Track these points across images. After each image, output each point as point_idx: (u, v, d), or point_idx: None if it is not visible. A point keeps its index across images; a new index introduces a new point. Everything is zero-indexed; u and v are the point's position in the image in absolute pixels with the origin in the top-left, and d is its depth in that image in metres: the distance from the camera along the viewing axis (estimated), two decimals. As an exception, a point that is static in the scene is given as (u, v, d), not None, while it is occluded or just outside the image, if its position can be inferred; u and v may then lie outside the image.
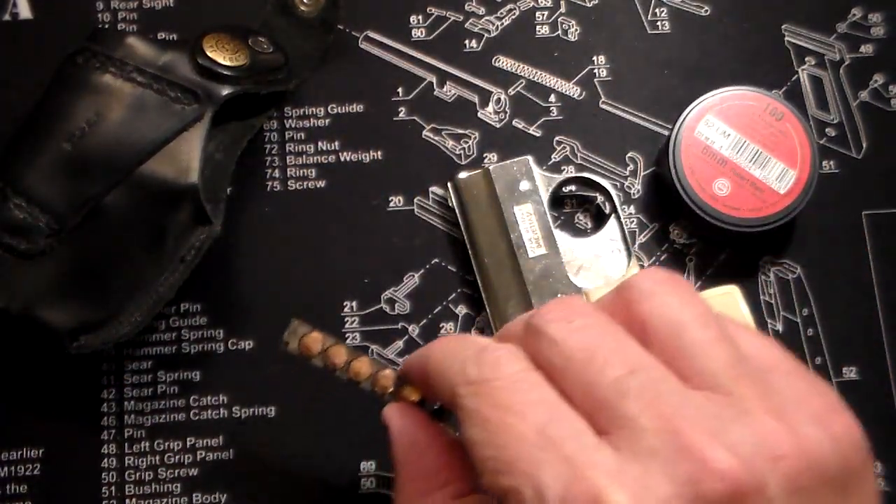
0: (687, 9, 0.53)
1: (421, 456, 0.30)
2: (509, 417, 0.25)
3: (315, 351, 0.35)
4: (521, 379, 0.26)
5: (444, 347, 0.30)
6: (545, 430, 0.24)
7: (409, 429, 0.31)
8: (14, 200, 0.43)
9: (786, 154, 0.47)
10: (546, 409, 0.25)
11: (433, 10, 0.53)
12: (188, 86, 0.45)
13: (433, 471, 0.30)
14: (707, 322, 0.26)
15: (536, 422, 0.25)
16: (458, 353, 0.28)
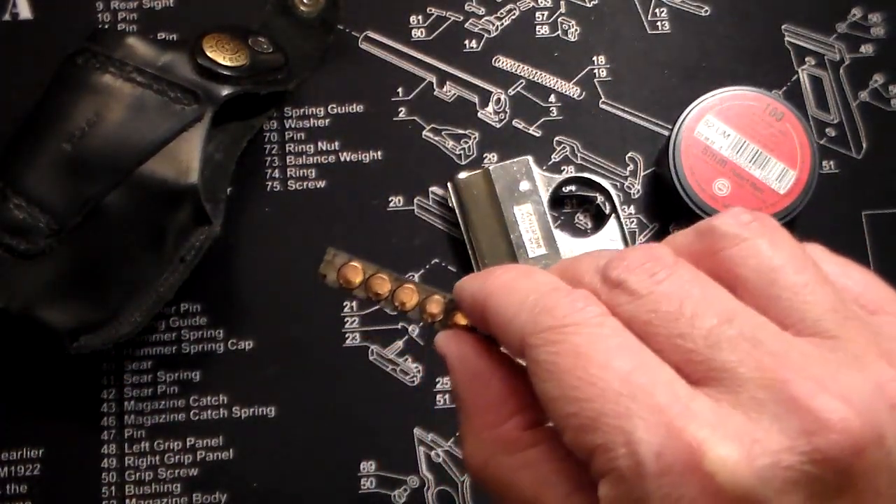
0: (687, 9, 0.53)
1: (486, 386, 0.27)
2: (592, 368, 0.22)
3: (356, 282, 0.31)
4: (600, 323, 0.23)
5: (507, 285, 0.26)
6: (632, 378, 0.22)
7: (470, 357, 0.28)
8: (14, 200, 0.43)
9: (786, 154, 0.47)
10: (632, 356, 0.22)
11: (433, 10, 0.53)
12: (188, 86, 0.45)
13: (500, 401, 0.27)
14: (803, 264, 0.24)
15: (622, 370, 0.22)
16: (525, 294, 0.25)
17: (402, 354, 0.47)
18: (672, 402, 0.21)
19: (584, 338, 0.23)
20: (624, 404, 0.21)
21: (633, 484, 0.21)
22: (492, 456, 0.26)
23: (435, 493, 0.45)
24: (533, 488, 0.25)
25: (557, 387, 0.23)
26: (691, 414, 0.21)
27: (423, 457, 0.46)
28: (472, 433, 0.27)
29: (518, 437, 0.26)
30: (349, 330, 0.48)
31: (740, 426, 0.21)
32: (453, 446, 0.46)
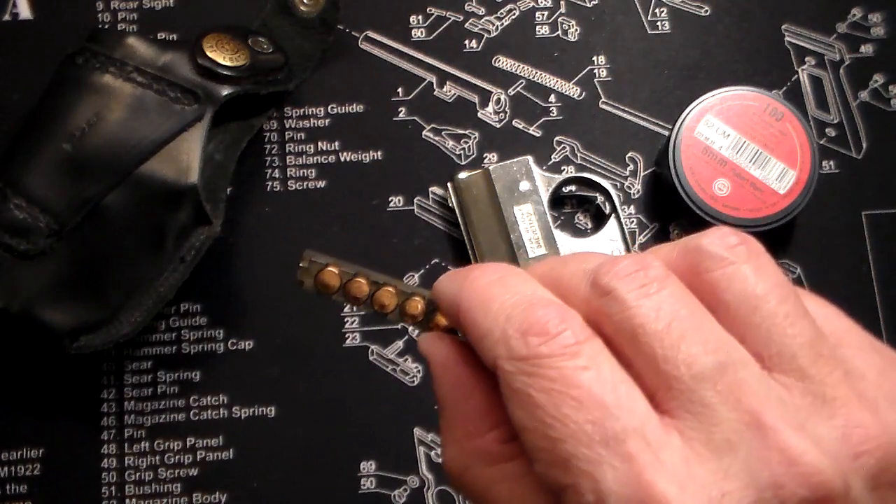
0: (687, 9, 0.53)
1: (468, 395, 0.26)
2: (565, 407, 0.22)
3: (333, 286, 0.31)
4: (576, 353, 0.22)
5: (481, 295, 0.26)
6: (605, 423, 0.21)
7: (452, 363, 0.27)
8: (14, 200, 0.43)
9: (786, 154, 0.47)
10: (606, 392, 0.22)
11: (433, 10, 0.53)
12: (188, 86, 0.45)
13: (481, 411, 0.26)
14: (786, 294, 0.23)
15: (596, 413, 0.22)
16: (499, 308, 0.25)
17: (402, 354, 0.47)
18: (643, 451, 0.21)
19: (558, 372, 0.22)
20: (595, 450, 0.21)
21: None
22: (470, 465, 0.26)
23: (435, 493, 0.45)
24: (509, 502, 0.25)
25: (530, 419, 0.22)
26: (661, 466, 0.21)
27: (423, 457, 0.46)
28: (452, 440, 0.26)
29: (497, 449, 0.25)
30: (349, 330, 0.48)
31: (709, 480, 0.21)
32: (453, 446, 0.46)
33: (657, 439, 0.21)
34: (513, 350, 0.23)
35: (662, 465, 0.21)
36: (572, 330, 0.23)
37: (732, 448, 0.21)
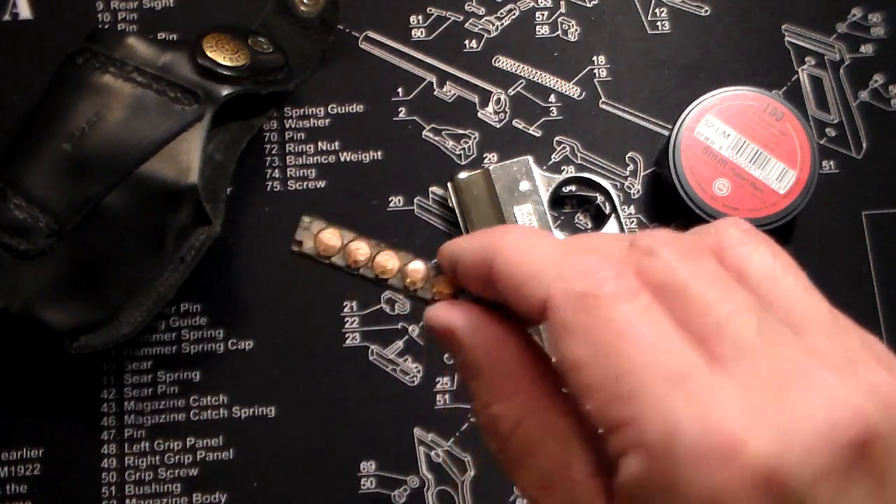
0: (687, 9, 0.53)
1: (507, 350, 0.26)
2: (624, 343, 0.22)
3: (334, 248, 0.29)
4: (635, 295, 0.23)
5: (522, 243, 0.25)
6: (668, 362, 0.22)
7: (484, 325, 0.26)
8: (14, 200, 0.43)
9: (786, 154, 0.47)
10: (667, 336, 0.22)
11: (433, 10, 0.53)
12: (188, 86, 0.45)
13: (523, 366, 0.26)
14: (798, 273, 0.25)
15: (657, 352, 0.22)
16: (546, 252, 0.25)
17: (402, 354, 0.47)
18: (706, 389, 0.21)
19: (620, 311, 0.23)
20: (661, 386, 0.21)
21: (665, 465, 0.21)
22: (523, 418, 0.25)
23: (435, 493, 0.45)
24: (560, 458, 0.24)
25: (591, 353, 0.22)
26: (726, 403, 0.21)
27: (423, 457, 0.46)
28: (499, 398, 0.25)
29: (547, 403, 0.25)
30: (349, 330, 0.48)
31: (773, 416, 0.21)
32: (453, 446, 0.46)
33: (715, 381, 0.22)
34: (570, 286, 0.23)
35: (726, 402, 0.21)
36: (627, 278, 0.23)
37: (784, 390, 0.21)
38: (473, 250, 0.27)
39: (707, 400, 0.21)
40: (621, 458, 0.21)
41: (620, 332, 0.22)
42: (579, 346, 0.22)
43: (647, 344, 0.22)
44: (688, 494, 0.20)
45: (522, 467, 0.25)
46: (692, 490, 0.20)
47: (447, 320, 0.27)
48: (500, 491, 0.45)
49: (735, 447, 0.20)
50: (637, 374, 0.22)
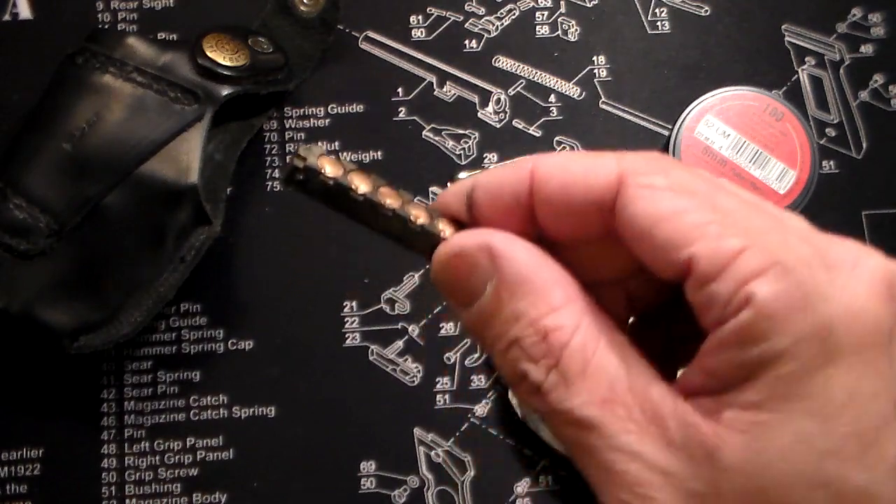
0: (687, 9, 0.53)
1: (550, 262, 0.24)
2: (719, 189, 0.23)
3: (337, 172, 0.26)
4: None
5: (556, 155, 0.25)
6: (755, 199, 0.23)
7: (520, 239, 0.24)
8: (14, 200, 0.43)
9: (786, 154, 0.47)
10: (739, 189, 0.24)
11: (433, 10, 0.53)
12: (188, 86, 0.45)
13: (568, 278, 0.24)
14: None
15: (742, 195, 0.23)
16: (591, 154, 0.24)
17: (402, 354, 0.47)
18: (807, 225, 0.24)
19: (690, 172, 0.23)
20: (764, 219, 0.22)
21: (804, 275, 0.21)
22: (580, 324, 0.23)
23: (435, 493, 0.45)
24: (620, 365, 0.23)
25: (692, 199, 0.22)
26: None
27: (423, 457, 0.46)
28: (556, 306, 0.23)
29: (599, 313, 0.24)
30: (349, 330, 0.48)
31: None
32: (453, 446, 0.46)
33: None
34: (640, 158, 0.23)
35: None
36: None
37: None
38: (501, 175, 0.25)
39: (812, 234, 0.23)
40: (748, 285, 0.21)
41: (703, 183, 0.23)
42: (671, 199, 0.22)
43: (729, 194, 0.23)
44: (828, 296, 0.21)
45: (580, 381, 0.22)
46: (830, 292, 0.21)
47: (482, 237, 0.24)
48: (500, 491, 0.45)
49: (862, 258, 0.22)
50: (739, 211, 0.22)
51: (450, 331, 0.48)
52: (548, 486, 0.45)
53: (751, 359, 0.21)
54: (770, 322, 0.20)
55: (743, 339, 0.21)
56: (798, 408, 0.20)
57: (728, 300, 0.21)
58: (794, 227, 0.24)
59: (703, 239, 0.21)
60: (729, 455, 0.21)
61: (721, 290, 0.21)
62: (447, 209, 0.27)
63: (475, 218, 0.26)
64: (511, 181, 0.25)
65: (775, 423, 0.21)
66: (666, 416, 0.22)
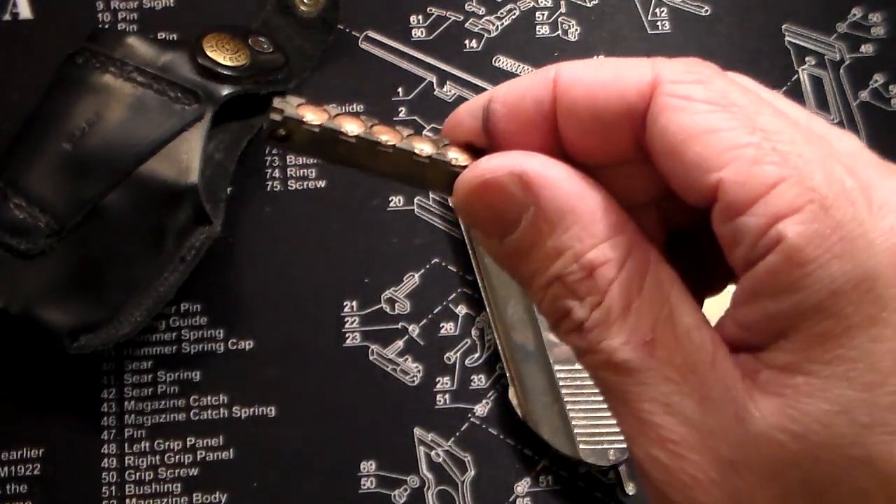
0: (687, 9, 0.53)
1: (593, 190, 0.21)
2: (758, 104, 0.20)
3: (322, 116, 0.23)
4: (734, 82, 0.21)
5: (584, 62, 0.22)
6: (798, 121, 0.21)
7: (557, 163, 0.21)
8: (14, 200, 0.43)
9: (786, 154, 0.47)
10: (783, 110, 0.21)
11: (433, 10, 0.53)
12: (188, 86, 0.45)
13: (613, 207, 0.21)
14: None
15: (787, 113, 0.21)
16: (622, 60, 0.22)
17: (402, 354, 0.47)
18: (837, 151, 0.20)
19: (735, 84, 0.21)
20: (811, 144, 0.20)
21: (844, 215, 0.18)
22: (627, 258, 0.21)
23: (435, 493, 0.45)
24: (665, 304, 0.21)
25: (731, 116, 0.20)
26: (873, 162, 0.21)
27: (423, 457, 0.46)
28: (601, 238, 0.21)
29: (646, 245, 0.21)
30: (349, 330, 0.48)
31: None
32: (453, 446, 0.46)
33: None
34: (677, 64, 0.21)
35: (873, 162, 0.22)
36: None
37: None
38: (522, 84, 0.22)
39: (861, 166, 0.20)
40: (780, 224, 0.18)
41: (748, 97, 0.20)
42: (707, 112, 0.20)
43: (775, 111, 0.20)
44: (871, 241, 0.18)
45: (622, 320, 0.20)
46: (874, 236, 0.18)
47: (513, 162, 0.21)
48: (500, 491, 0.45)
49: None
50: (783, 132, 0.19)
51: (450, 331, 0.48)
52: (548, 486, 0.45)
53: (783, 311, 0.19)
54: (803, 269, 0.18)
55: (773, 288, 0.19)
56: (837, 372, 0.18)
57: (757, 238, 0.19)
58: (844, 151, 0.21)
59: (736, 162, 0.19)
60: (760, 421, 0.19)
61: (750, 226, 0.19)
62: (459, 131, 0.23)
63: (493, 138, 0.23)
64: (534, 91, 0.22)
65: (811, 389, 0.18)
66: (706, 367, 0.20)
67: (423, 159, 0.23)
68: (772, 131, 0.19)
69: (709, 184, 0.19)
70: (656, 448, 0.20)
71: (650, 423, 0.20)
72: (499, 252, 0.22)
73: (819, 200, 0.18)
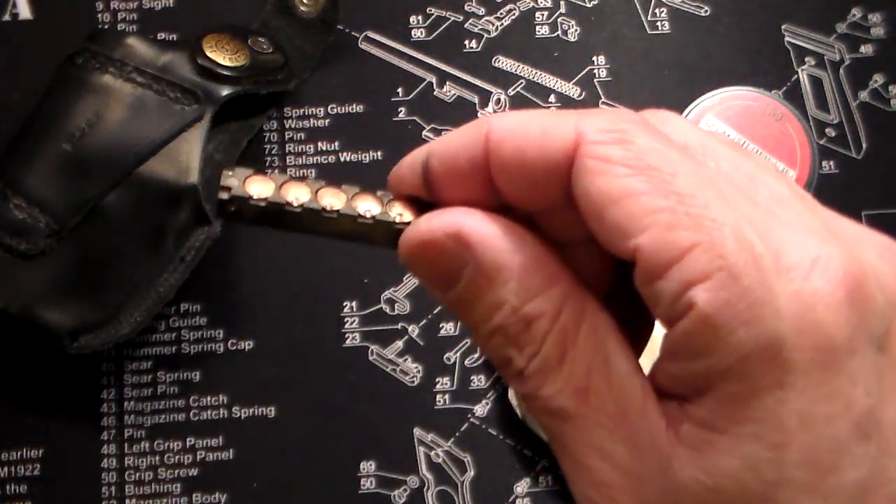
0: (687, 9, 0.53)
1: (528, 244, 0.22)
2: (672, 166, 0.20)
3: (268, 189, 0.24)
4: (657, 132, 0.21)
5: (514, 115, 0.22)
6: (718, 185, 0.20)
7: (493, 219, 0.22)
8: (14, 201, 0.43)
9: (786, 154, 0.47)
10: (704, 168, 0.21)
11: (433, 10, 0.53)
12: (188, 86, 0.45)
13: (548, 259, 0.22)
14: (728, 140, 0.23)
15: (703, 173, 0.20)
16: (549, 113, 0.22)
17: (402, 354, 0.47)
18: (769, 211, 0.20)
19: (656, 142, 0.21)
20: (724, 206, 0.20)
21: (752, 281, 0.19)
22: (562, 310, 0.22)
23: (435, 493, 0.45)
24: (599, 353, 0.21)
25: (646, 180, 0.20)
26: (795, 224, 0.20)
27: (423, 457, 0.46)
28: (536, 292, 0.22)
29: (581, 293, 0.22)
30: (349, 330, 0.48)
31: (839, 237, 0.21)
32: (453, 446, 0.46)
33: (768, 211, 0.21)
34: (600, 122, 0.21)
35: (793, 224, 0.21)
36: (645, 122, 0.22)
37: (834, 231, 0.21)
38: (456, 140, 0.23)
39: (775, 224, 0.20)
40: (691, 290, 0.19)
41: (665, 157, 0.20)
42: (629, 175, 0.20)
43: (693, 169, 0.20)
44: (778, 307, 0.19)
45: (558, 369, 0.21)
46: (780, 303, 0.19)
47: (448, 221, 0.22)
48: (499, 491, 0.45)
49: (823, 258, 0.19)
50: (697, 196, 0.20)
51: (450, 331, 0.48)
52: (548, 486, 0.45)
53: (699, 372, 0.19)
54: (713, 335, 0.19)
55: (688, 351, 0.19)
56: (746, 431, 0.19)
57: (672, 302, 0.19)
58: (768, 200, 0.21)
59: (651, 228, 0.19)
60: (680, 472, 0.20)
61: (665, 290, 0.19)
62: (402, 186, 0.25)
63: (433, 192, 0.24)
64: (467, 149, 0.23)
65: (723, 445, 0.19)
66: (636, 415, 0.20)
67: (367, 220, 0.23)
68: (686, 195, 0.20)
69: (628, 248, 0.20)
70: (591, 489, 0.21)
71: (585, 466, 0.21)
72: (445, 302, 0.23)
73: (728, 268, 0.19)
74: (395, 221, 0.24)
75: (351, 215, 0.24)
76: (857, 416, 0.19)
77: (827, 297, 0.19)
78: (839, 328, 0.19)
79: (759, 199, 0.21)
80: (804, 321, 0.19)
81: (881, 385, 0.19)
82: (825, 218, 0.21)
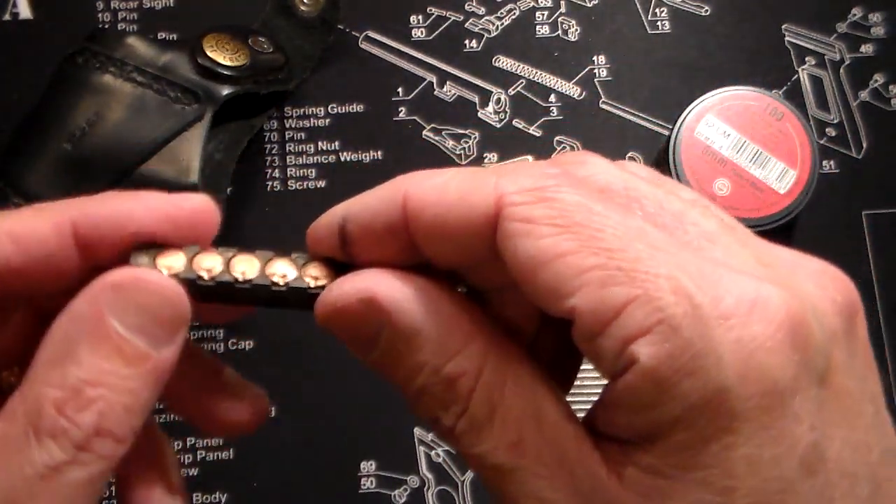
0: (687, 9, 0.53)
1: (443, 305, 0.22)
2: (600, 221, 0.20)
3: (178, 267, 0.23)
4: (581, 183, 0.21)
5: (426, 179, 0.22)
6: (648, 235, 0.20)
7: (407, 281, 0.22)
8: (14, 200, 0.43)
9: (786, 154, 0.47)
10: (632, 216, 0.20)
11: (433, 10, 0.53)
12: (188, 86, 0.45)
13: (464, 317, 0.22)
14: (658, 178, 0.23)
15: (632, 225, 0.20)
16: (463, 174, 0.22)
17: (403, 354, 0.47)
18: (705, 260, 0.20)
19: (579, 195, 0.20)
20: (660, 255, 0.19)
21: (692, 331, 0.19)
22: (483, 367, 0.21)
23: (435, 493, 0.45)
24: (529, 405, 0.21)
25: (574, 238, 0.19)
26: (733, 269, 0.20)
27: (423, 457, 0.46)
28: (454, 352, 0.22)
29: (502, 349, 0.22)
30: (349, 330, 0.47)
31: (779, 280, 0.20)
32: (453, 446, 0.46)
33: (703, 255, 0.21)
34: (522, 183, 0.20)
35: (731, 269, 0.20)
36: (568, 175, 0.21)
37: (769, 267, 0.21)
38: (373, 204, 0.23)
39: (709, 267, 0.20)
40: (632, 346, 0.19)
41: (590, 211, 0.20)
42: (556, 235, 0.20)
43: (620, 221, 0.20)
44: (720, 356, 0.18)
45: (488, 427, 0.21)
46: (722, 351, 0.19)
47: (364, 286, 0.22)
48: (500, 491, 0.45)
49: (761, 300, 0.19)
50: (628, 249, 0.19)
51: (450, 331, 0.48)
52: (548, 485, 0.45)
53: (644, 423, 0.19)
54: (657, 388, 0.19)
55: (633, 404, 0.19)
56: (695, 478, 0.19)
57: (614, 358, 0.19)
58: (699, 238, 0.21)
59: (585, 287, 0.19)
60: None
61: (606, 347, 0.19)
62: (319, 247, 0.24)
63: (351, 254, 0.23)
64: (384, 212, 0.23)
65: (672, 492, 0.19)
66: (574, 463, 0.20)
67: (281, 288, 0.23)
68: (616, 249, 0.19)
69: (563, 309, 0.20)
70: None
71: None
72: (368, 364, 0.23)
73: (667, 320, 0.19)
74: (309, 287, 0.23)
75: (264, 285, 0.23)
76: (802, 453, 0.19)
77: (768, 340, 0.19)
78: (782, 370, 0.19)
79: (688, 239, 0.21)
80: (747, 368, 0.19)
81: (824, 418, 0.19)
82: (758, 249, 0.21)
